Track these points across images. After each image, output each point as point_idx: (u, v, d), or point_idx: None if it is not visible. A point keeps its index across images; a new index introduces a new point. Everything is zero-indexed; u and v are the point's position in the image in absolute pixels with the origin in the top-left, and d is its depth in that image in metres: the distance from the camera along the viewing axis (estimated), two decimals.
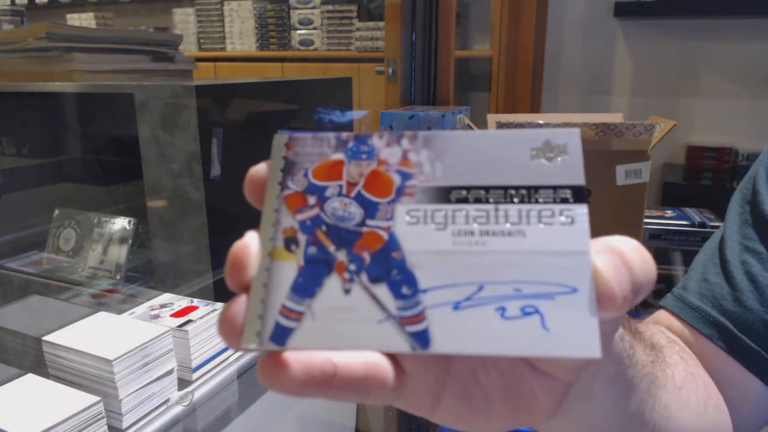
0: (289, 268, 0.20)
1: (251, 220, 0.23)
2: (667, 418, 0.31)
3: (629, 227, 0.75)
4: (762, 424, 0.43)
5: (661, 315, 0.47)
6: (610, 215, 0.74)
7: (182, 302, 0.73)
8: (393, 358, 0.21)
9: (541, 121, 0.76)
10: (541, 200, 0.20)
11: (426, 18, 1.29)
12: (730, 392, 0.42)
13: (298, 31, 2.69)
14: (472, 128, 0.89)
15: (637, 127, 0.71)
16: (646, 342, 0.32)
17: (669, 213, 1.01)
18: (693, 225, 0.95)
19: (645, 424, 0.29)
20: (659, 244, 0.96)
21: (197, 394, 0.66)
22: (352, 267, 0.20)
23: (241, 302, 0.20)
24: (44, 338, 0.62)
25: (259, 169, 0.22)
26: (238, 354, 0.74)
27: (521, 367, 0.23)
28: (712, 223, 0.95)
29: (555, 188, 0.20)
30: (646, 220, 0.94)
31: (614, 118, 0.85)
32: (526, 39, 2.00)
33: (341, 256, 0.20)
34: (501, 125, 0.75)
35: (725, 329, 0.42)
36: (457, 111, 1.17)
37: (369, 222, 0.20)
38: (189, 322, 0.68)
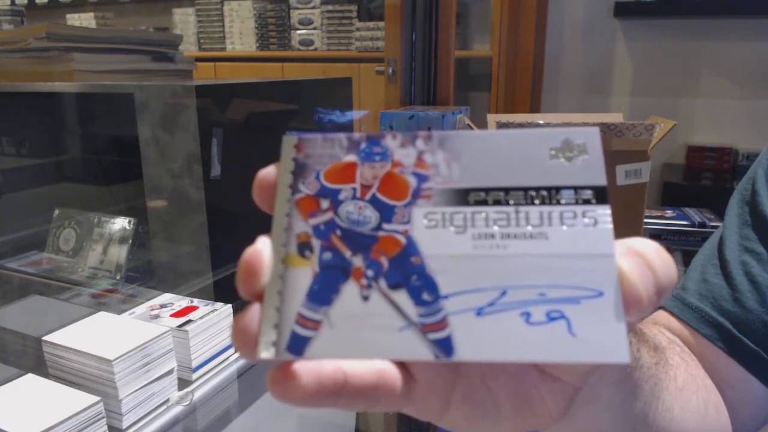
0: (303, 275, 0.19)
1: (252, 220, 0.23)
2: (669, 419, 0.31)
3: (629, 227, 0.75)
4: (761, 425, 0.43)
5: (661, 315, 0.47)
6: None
7: (182, 302, 0.73)
8: (402, 364, 0.21)
9: (541, 121, 0.76)
10: (562, 201, 0.19)
11: (426, 18, 1.28)
12: (729, 393, 0.42)
13: (298, 31, 2.69)
14: (472, 128, 0.89)
15: (637, 127, 0.71)
16: (649, 344, 0.32)
17: (669, 213, 1.01)
18: (693, 225, 0.95)
19: (649, 426, 0.29)
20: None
21: (197, 394, 0.66)
22: (370, 273, 0.19)
23: (254, 311, 0.19)
24: (44, 338, 0.62)
25: (268, 172, 0.21)
26: (239, 354, 0.74)
27: (530, 371, 0.23)
28: (712, 223, 0.95)
29: (576, 189, 0.19)
30: (646, 220, 0.94)
31: (614, 118, 0.85)
32: (526, 39, 2.01)
33: (358, 261, 0.19)
34: (501, 125, 0.75)
35: (725, 330, 0.42)
36: (457, 111, 1.17)
37: (385, 226, 0.20)
38: (189, 322, 0.68)
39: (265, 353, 0.18)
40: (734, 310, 0.42)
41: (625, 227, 0.75)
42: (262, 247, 0.20)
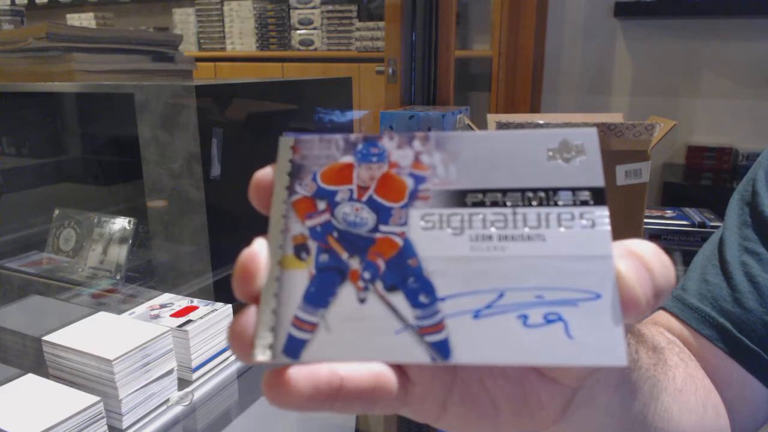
0: (300, 277, 0.19)
1: (252, 220, 0.22)
2: (668, 420, 0.31)
3: (629, 227, 0.75)
4: (761, 425, 0.43)
5: (660, 316, 0.47)
6: (610, 215, 0.73)
7: (182, 302, 0.73)
8: (399, 367, 0.20)
9: (541, 121, 0.76)
10: (560, 203, 0.19)
11: (426, 18, 1.28)
12: (729, 393, 0.42)
13: (298, 31, 2.69)
14: (472, 128, 0.89)
15: (637, 127, 0.71)
16: (648, 344, 0.32)
17: (669, 213, 1.01)
18: (693, 225, 0.95)
19: (647, 427, 0.29)
20: (659, 245, 0.96)
21: (197, 394, 0.66)
22: (367, 275, 0.19)
23: (251, 314, 0.19)
24: (44, 338, 0.62)
25: (265, 173, 0.21)
26: (235, 357, 0.74)
27: (528, 374, 0.23)
28: (712, 223, 0.95)
29: (574, 190, 0.19)
30: (646, 220, 0.94)
31: (614, 118, 0.85)
32: (526, 39, 2.01)
33: (354, 263, 0.19)
34: (501, 125, 0.74)
35: (725, 330, 0.42)
36: (457, 111, 1.17)
37: (382, 227, 0.20)
38: (189, 322, 0.68)
39: (261, 356, 0.18)
40: (734, 311, 0.42)
41: (624, 227, 0.75)
42: (259, 249, 0.19)
